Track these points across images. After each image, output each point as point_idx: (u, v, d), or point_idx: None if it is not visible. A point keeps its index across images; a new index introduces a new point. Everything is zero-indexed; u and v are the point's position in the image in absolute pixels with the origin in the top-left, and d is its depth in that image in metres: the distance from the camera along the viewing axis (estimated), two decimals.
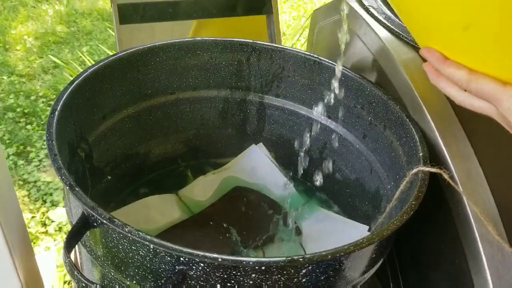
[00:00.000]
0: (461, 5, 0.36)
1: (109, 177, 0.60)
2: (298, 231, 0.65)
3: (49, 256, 1.33)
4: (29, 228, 1.44)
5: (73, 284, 1.07)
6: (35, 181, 1.55)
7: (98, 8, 2.32)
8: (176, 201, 0.67)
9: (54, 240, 1.39)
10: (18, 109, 1.75)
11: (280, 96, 0.70)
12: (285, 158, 0.74)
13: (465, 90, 0.42)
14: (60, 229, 1.45)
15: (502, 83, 0.39)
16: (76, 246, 0.59)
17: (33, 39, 2.09)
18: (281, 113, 0.71)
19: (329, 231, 0.63)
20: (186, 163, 0.72)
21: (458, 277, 0.50)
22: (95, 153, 0.59)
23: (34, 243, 1.39)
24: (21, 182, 1.55)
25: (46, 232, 1.43)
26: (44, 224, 1.44)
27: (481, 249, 0.47)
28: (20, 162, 1.60)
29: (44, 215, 1.47)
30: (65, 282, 1.25)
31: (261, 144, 0.74)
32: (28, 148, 1.63)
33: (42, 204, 1.50)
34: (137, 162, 0.68)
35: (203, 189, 0.69)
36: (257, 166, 0.72)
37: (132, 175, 0.68)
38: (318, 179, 0.67)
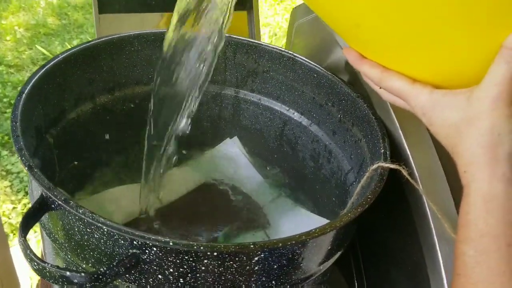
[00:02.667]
0: (347, 4, 0.38)
1: (76, 163, 0.60)
2: (267, 225, 0.65)
3: None
4: (9, 219, 1.43)
5: None
6: (18, 172, 1.54)
7: (90, 1, 2.32)
8: None
9: (35, 232, 1.38)
10: (5, 99, 1.75)
11: (255, 91, 0.70)
12: (258, 153, 0.74)
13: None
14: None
15: (411, 80, 0.40)
16: (44, 232, 0.60)
17: (23, 30, 2.09)
18: (255, 108, 0.71)
19: (296, 225, 0.64)
20: (159, 155, 0.72)
21: (416, 273, 0.51)
22: (64, 140, 0.60)
23: (14, 234, 1.39)
24: (4, 173, 1.54)
25: None
26: None
27: (437, 246, 0.48)
28: (4, 152, 1.59)
29: (25, 206, 1.46)
30: None
31: (235, 138, 0.74)
32: None
33: (24, 195, 1.50)
34: (108, 150, 0.68)
35: (175, 181, 0.69)
36: (231, 160, 0.73)
37: (103, 163, 0.68)
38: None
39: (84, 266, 0.44)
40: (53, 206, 0.42)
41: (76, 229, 0.42)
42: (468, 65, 0.37)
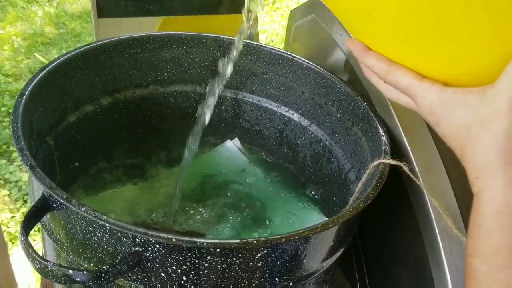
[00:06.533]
0: None
1: (76, 164, 0.60)
2: (269, 223, 0.65)
3: None
4: (8, 227, 1.42)
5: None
6: (17, 181, 1.54)
7: (88, 10, 2.32)
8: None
9: (34, 241, 1.37)
10: (3, 109, 1.75)
11: (255, 92, 0.71)
12: (259, 154, 0.74)
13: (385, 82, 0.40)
14: (39, 229, 1.43)
15: (419, 76, 0.37)
16: (45, 233, 0.60)
17: (21, 39, 2.09)
18: (255, 110, 0.71)
19: (297, 223, 0.64)
20: (159, 157, 0.72)
21: (418, 270, 0.51)
22: (65, 142, 0.59)
23: (13, 243, 1.38)
24: (2, 182, 1.54)
25: None
26: None
27: (440, 242, 0.48)
28: (3, 161, 1.59)
29: (24, 215, 1.45)
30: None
31: (236, 139, 0.74)
32: (11, 148, 1.63)
33: (22, 204, 1.49)
34: (109, 153, 0.68)
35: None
36: (231, 160, 0.73)
37: (104, 165, 0.68)
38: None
39: (86, 265, 0.43)
40: (54, 205, 0.42)
41: (78, 228, 0.42)
42: (484, 61, 0.35)
